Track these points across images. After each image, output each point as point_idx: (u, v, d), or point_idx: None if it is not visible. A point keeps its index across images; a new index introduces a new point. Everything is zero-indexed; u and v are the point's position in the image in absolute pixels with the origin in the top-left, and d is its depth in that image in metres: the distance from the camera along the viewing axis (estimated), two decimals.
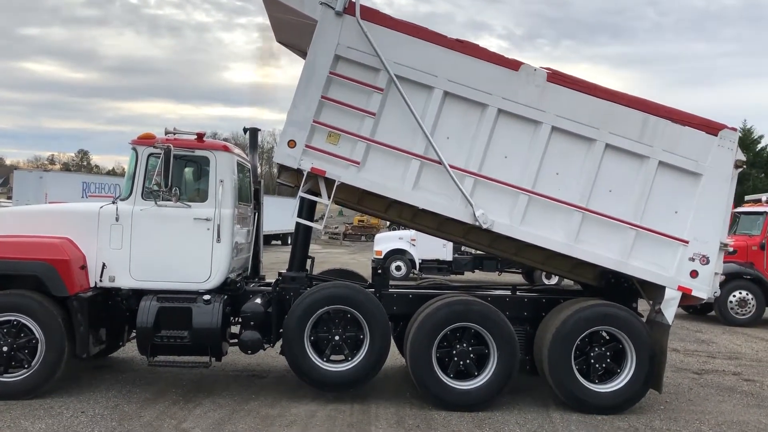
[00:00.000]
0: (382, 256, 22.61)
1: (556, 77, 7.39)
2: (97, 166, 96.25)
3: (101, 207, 7.73)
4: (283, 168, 7.76)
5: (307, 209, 7.93)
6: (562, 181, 7.40)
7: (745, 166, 7.63)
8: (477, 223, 7.29)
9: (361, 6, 7.23)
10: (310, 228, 8.35)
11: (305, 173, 7.34)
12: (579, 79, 7.48)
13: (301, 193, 7.54)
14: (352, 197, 7.85)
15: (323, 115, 7.29)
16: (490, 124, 7.32)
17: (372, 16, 7.28)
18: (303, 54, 7.85)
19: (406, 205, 7.68)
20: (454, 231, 8.07)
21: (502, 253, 8.37)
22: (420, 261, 22.54)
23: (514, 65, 7.36)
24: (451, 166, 7.27)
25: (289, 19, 7.81)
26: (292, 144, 7.27)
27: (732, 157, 7.46)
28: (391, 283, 8.52)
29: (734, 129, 7.65)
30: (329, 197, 7.44)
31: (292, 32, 8.32)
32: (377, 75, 7.27)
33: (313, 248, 8.76)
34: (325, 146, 7.32)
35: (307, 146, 7.27)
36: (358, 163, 7.30)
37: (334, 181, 7.32)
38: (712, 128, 7.48)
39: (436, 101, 7.29)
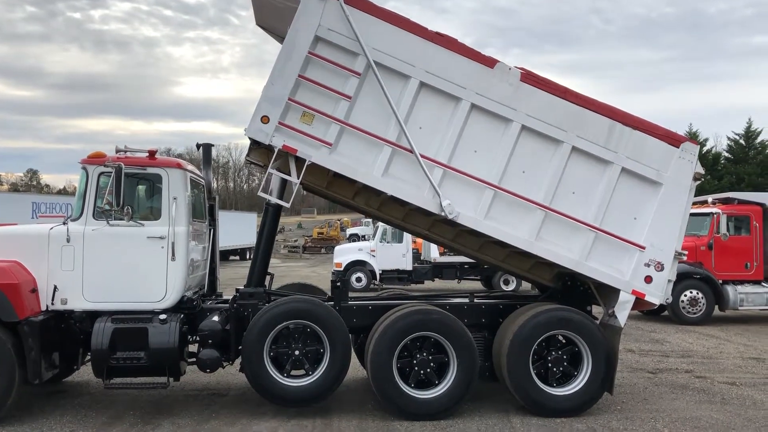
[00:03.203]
0: (342, 268, 22.63)
1: (529, 78, 7.54)
2: (47, 186, 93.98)
3: (51, 228, 7.55)
4: (253, 146, 7.79)
5: (278, 193, 7.92)
6: (528, 179, 7.53)
7: (703, 179, 7.90)
8: (443, 214, 7.36)
9: None
10: (271, 244, 8.30)
11: (276, 150, 7.32)
12: (551, 82, 7.64)
13: (270, 169, 7.50)
14: (321, 181, 7.87)
15: (299, 94, 7.28)
16: (462, 118, 7.41)
17: (355, 1, 7.32)
18: (281, 39, 7.85)
19: (374, 193, 7.74)
20: (419, 223, 8.16)
21: (463, 249, 8.48)
22: (380, 271, 22.65)
23: (490, 62, 7.49)
24: (422, 156, 7.33)
25: (272, 0, 7.80)
26: (265, 119, 7.23)
27: (692, 169, 7.69)
28: (352, 294, 8.53)
29: (696, 143, 7.95)
30: (298, 177, 7.44)
31: (273, 15, 8.35)
32: (356, 59, 7.30)
33: (273, 262, 8.71)
34: (298, 125, 7.30)
35: (280, 123, 7.25)
36: (330, 144, 7.30)
37: (305, 161, 7.31)
38: (674, 140, 7.73)
39: (412, 91, 7.36)
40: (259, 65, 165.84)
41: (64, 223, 7.58)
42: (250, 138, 7.49)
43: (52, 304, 7.42)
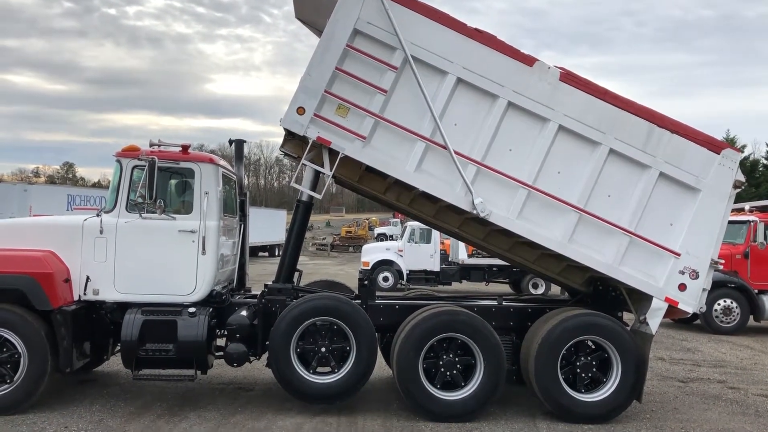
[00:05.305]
0: (369, 267, 22.63)
1: (568, 78, 7.45)
2: (82, 179, 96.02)
3: (85, 220, 7.67)
4: (288, 137, 7.83)
5: (310, 185, 7.90)
6: (563, 180, 7.44)
7: (743, 187, 7.71)
8: (475, 211, 7.30)
9: None
10: (300, 241, 8.34)
11: (310, 142, 7.35)
12: (590, 82, 7.54)
13: (303, 161, 7.53)
14: (353, 174, 7.84)
15: (335, 86, 7.30)
16: (498, 116, 7.35)
17: None
18: (319, 33, 7.88)
19: (405, 188, 7.71)
20: (449, 221, 8.10)
21: (494, 248, 8.38)
22: (407, 271, 22.60)
23: (529, 61, 7.42)
24: (456, 153, 7.28)
25: None
26: (300, 111, 7.27)
27: (732, 176, 7.52)
28: (378, 294, 8.51)
29: (737, 150, 7.76)
30: (331, 169, 7.44)
31: (312, 8, 8.42)
32: (393, 53, 7.29)
33: (301, 260, 8.74)
34: (333, 117, 7.32)
35: (315, 115, 7.27)
36: (364, 137, 7.30)
37: (338, 153, 7.32)
38: (715, 146, 7.56)
39: (449, 87, 7.32)
40: (291, 64, 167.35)
41: (97, 215, 7.69)
42: (285, 129, 7.51)
43: (84, 294, 7.54)
